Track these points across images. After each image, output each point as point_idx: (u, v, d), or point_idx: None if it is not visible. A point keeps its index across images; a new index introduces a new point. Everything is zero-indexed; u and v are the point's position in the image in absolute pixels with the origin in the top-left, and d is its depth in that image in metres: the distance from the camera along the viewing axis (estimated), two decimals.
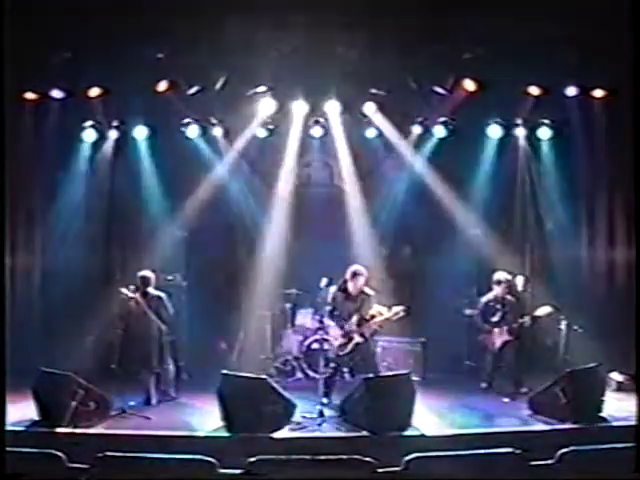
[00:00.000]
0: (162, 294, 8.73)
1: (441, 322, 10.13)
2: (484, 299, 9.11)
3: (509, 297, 9.00)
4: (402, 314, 8.28)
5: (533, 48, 8.99)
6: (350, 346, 8.26)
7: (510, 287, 9.03)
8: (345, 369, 8.67)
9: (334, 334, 8.42)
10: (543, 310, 8.78)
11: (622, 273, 10.14)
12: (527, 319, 8.77)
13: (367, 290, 8.37)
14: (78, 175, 10.43)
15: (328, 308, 8.50)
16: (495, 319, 8.93)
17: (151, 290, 8.63)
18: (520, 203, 10.72)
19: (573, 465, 4.70)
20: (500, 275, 9.07)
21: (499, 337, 8.88)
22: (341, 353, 8.33)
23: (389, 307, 8.40)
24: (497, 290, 9.01)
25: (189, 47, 9.20)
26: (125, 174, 10.59)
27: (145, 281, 8.59)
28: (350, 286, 8.32)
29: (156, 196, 10.64)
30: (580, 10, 8.35)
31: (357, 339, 8.23)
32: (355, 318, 8.25)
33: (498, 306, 8.97)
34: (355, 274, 8.29)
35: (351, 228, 10.74)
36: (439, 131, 10.47)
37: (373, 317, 8.29)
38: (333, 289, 8.48)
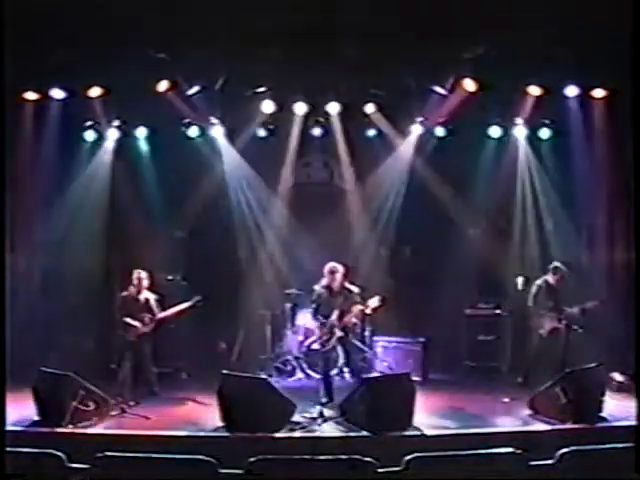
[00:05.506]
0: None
1: (441, 322, 10.15)
2: (537, 283, 9.07)
3: (559, 286, 8.99)
4: (378, 304, 8.29)
5: (533, 48, 8.99)
6: (332, 341, 8.33)
7: (563, 278, 9.02)
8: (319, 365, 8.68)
9: (318, 330, 8.49)
10: (591, 302, 8.78)
11: (622, 273, 10.14)
12: (576, 309, 8.77)
13: (349, 286, 8.42)
14: (78, 175, 10.44)
15: (313, 306, 8.59)
16: (547, 304, 8.92)
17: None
18: (520, 203, 10.72)
19: (573, 465, 4.70)
20: (558, 264, 9.09)
21: (548, 323, 8.87)
22: (324, 349, 8.41)
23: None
24: (550, 277, 9.02)
25: (189, 47, 9.20)
26: (125, 174, 10.60)
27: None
28: (330, 283, 8.40)
29: (156, 196, 10.65)
30: (580, 10, 8.35)
31: (338, 333, 8.30)
32: (336, 313, 8.31)
33: (550, 292, 8.96)
34: (331, 272, 8.39)
35: (351, 228, 10.76)
36: (439, 131, 10.48)
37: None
38: (317, 287, 8.54)
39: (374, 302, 8.30)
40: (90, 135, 10.44)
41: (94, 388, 7.44)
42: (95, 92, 9.77)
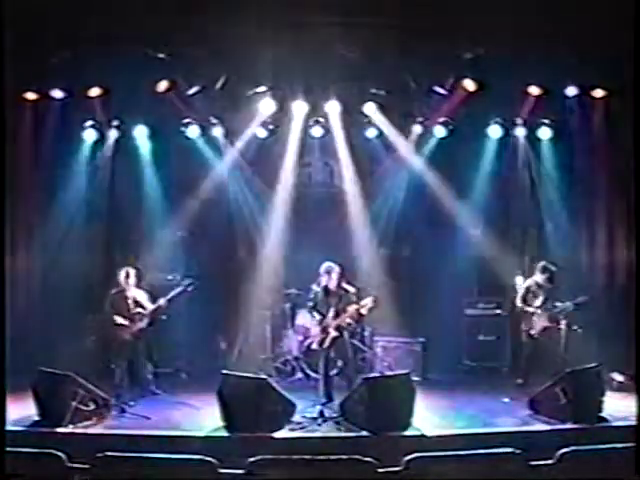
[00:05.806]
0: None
1: (441, 322, 10.14)
2: (526, 283, 9.10)
3: (548, 285, 9.00)
4: (371, 304, 8.29)
5: (533, 48, 8.99)
6: (328, 341, 8.36)
7: (552, 277, 9.03)
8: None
9: (314, 330, 8.52)
10: (583, 297, 8.79)
11: (622, 273, 10.14)
12: (568, 304, 8.76)
13: (346, 286, 8.45)
14: (78, 175, 10.43)
15: (309, 304, 8.63)
16: (536, 303, 8.93)
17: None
18: (520, 203, 10.72)
19: (573, 465, 4.70)
20: (545, 263, 9.07)
21: (539, 322, 8.87)
22: (320, 348, 8.45)
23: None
24: (539, 277, 9.01)
25: (189, 47, 9.20)
26: (125, 174, 10.60)
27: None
28: (327, 283, 8.44)
29: (156, 196, 10.65)
30: (580, 9, 8.35)
31: (333, 333, 8.32)
32: (332, 312, 8.32)
33: (539, 291, 8.97)
34: (328, 272, 8.43)
35: (351, 228, 10.74)
36: (439, 131, 10.46)
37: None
38: (314, 287, 8.56)
39: (367, 303, 8.29)
40: (90, 135, 10.42)
41: (94, 388, 7.44)
42: (95, 92, 9.78)
